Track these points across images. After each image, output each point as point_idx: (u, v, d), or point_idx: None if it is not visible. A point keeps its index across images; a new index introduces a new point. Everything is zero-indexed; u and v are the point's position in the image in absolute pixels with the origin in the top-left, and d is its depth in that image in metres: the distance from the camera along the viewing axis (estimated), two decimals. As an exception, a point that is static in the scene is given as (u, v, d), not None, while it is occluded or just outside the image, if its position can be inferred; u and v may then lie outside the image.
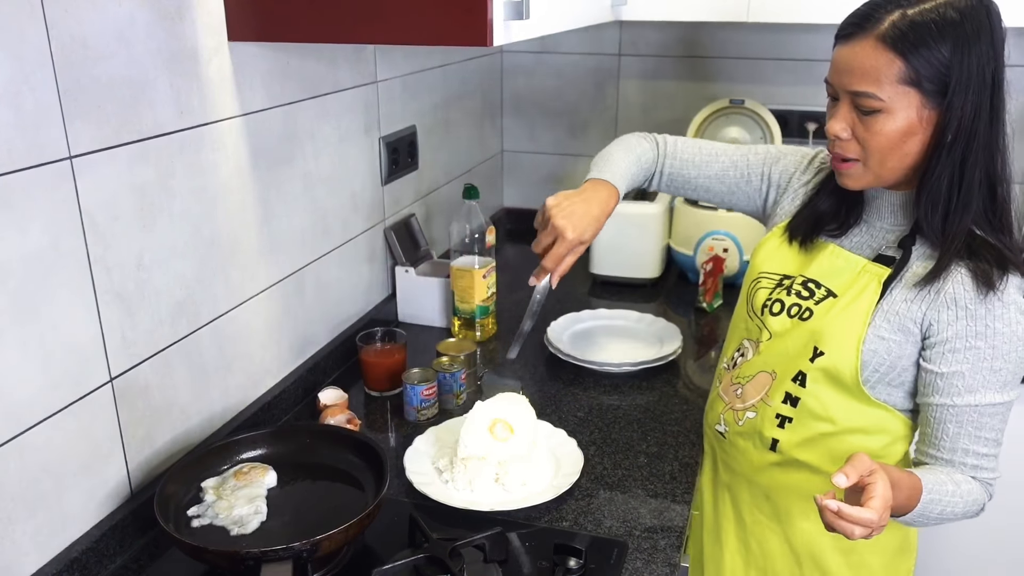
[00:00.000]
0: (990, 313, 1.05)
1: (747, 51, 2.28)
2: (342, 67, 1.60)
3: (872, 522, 0.93)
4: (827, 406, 1.18)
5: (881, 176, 1.10)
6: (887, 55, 1.01)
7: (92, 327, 1.09)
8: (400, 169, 1.88)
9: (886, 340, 1.12)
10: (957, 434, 1.10)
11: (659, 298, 2.11)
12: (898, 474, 1.03)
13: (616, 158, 1.36)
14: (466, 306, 1.78)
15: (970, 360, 1.07)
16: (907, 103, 1.03)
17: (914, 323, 1.10)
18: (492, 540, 1.11)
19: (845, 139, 1.09)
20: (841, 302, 1.15)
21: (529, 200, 2.62)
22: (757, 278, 1.29)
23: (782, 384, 1.20)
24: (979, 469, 1.10)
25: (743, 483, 1.31)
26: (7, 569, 1.00)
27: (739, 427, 1.27)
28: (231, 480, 1.18)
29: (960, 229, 1.07)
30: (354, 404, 1.53)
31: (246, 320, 1.40)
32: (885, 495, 0.94)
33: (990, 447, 1.10)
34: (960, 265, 1.07)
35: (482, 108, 2.39)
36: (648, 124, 2.44)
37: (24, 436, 1.00)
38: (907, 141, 1.06)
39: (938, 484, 1.07)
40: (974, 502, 1.10)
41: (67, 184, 1.02)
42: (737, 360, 1.30)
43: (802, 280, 1.22)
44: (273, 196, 1.43)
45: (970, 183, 1.05)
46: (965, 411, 1.09)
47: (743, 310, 1.31)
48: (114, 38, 1.06)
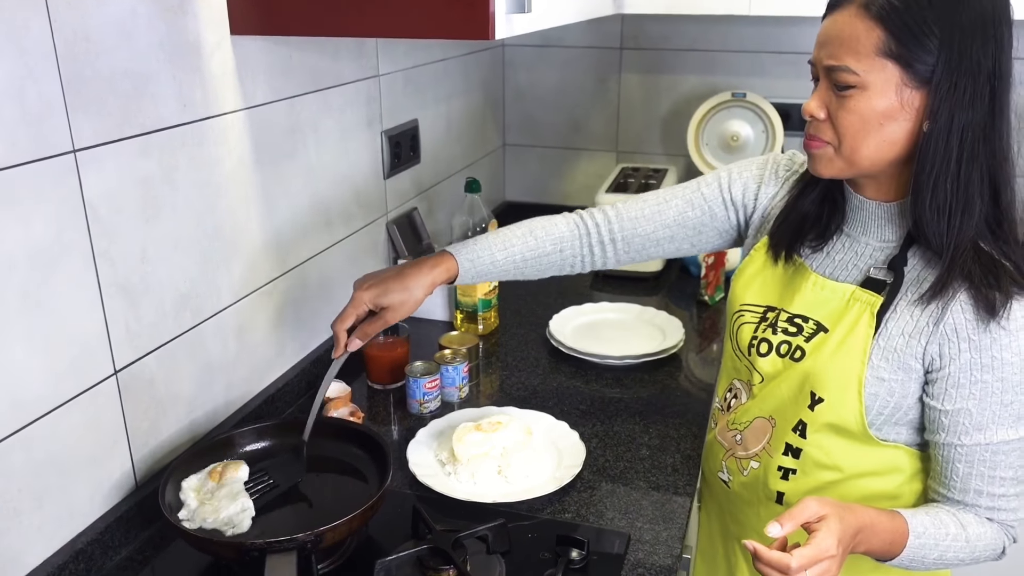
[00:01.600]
0: (996, 343, 0.95)
1: (749, 44, 2.28)
2: (344, 61, 1.60)
3: (787, 568, 0.87)
4: (831, 454, 1.09)
5: (854, 163, 0.99)
6: (867, 23, 0.92)
7: (97, 320, 1.09)
8: (402, 163, 1.88)
9: (886, 381, 1.02)
10: (968, 474, 1.01)
11: (661, 291, 2.11)
12: (876, 518, 0.97)
13: (492, 233, 1.27)
14: (468, 300, 1.78)
15: (976, 395, 0.98)
16: (885, 79, 0.93)
17: (915, 359, 1.00)
18: (495, 531, 1.12)
19: (820, 119, 0.99)
20: (833, 338, 1.05)
21: (531, 194, 2.62)
22: (739, 311, 1.20)
23: (782, 435, 1.12)
24: (996, 511, 1.01)
25: (755, 537, 1.16)
26: (14, 560, 1.01)
27: (744, 477, 1.19)
28: (208, 483, 1.14)
29: (963, 237, 0.96)
30: (357, 397, 1.54)
31: (249, 313, 1.41)
32: (821, 545, 0.89)
33: (1008, 487, 1.01)
34: (960, 290, 0.96)
35: (484, 102, 2.39)
36: (650, 118, 2.44)
37: (30, 428, 1.01)
38: (885, 126, 0.95)
39: (935, 527, 1.00)
40: (987, 546, 1.02)
41: (71, 177, 1.03)
42: (731, 402, 1.22)
43: (787, 316, 1.12)
44: (276, 190, 1.44)
45: (968, 183, 0.94)
46: (975, 451, 0.99)
47: (729, 346, 1.23)
48: (116, 31, 1.06)
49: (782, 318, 1.13)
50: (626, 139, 2.49)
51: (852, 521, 0.94)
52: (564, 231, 1.28)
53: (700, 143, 2.29)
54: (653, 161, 2.47)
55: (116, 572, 1.12)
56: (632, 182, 2.23)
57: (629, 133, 2.48)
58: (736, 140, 2.24)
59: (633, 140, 2.49)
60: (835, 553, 0.90)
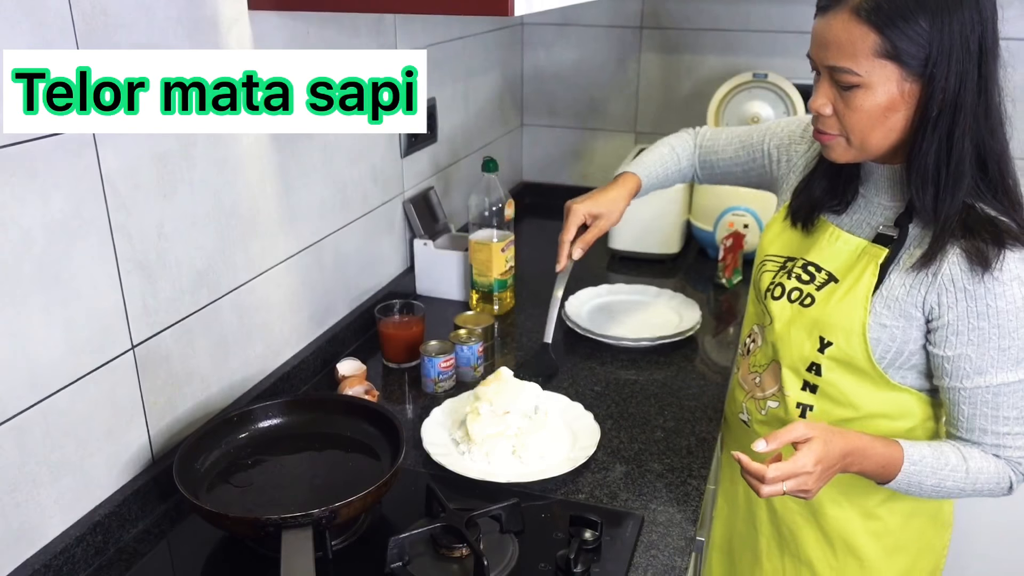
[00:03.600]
0: (989, 292, 1.02)
1: (771, 24, 2.25)
2: (362, 37, 1.59)
3: (762, 477, 0.98)
4: (846, 392, 1.16)
5: (865, 150, 1.07)
6: (861, 28, 0.98)
7: (114, 295, 1.10)
8: (419, 142, 1.88)
9: (888, 327, 1.09)
10: (973, 415, 1.08)
11: (678, 274, 2.10)
12: (869, 443, 1.06)
13: (646, 154, 1.49)
14: (484, 279, 1.78)
15: (975, 342, 1.04)
16: (886, 77, 1.00)
17: (915, 307, 1.07)
18: (508, 511, 1.12)
19: (827, 115, 1.07)
20: (841, 288, 1.13)
21: (548, 174, 2.61)
22: (763, 261, 1.28)
23: (798, 374, 1.19)
24: (1001, 448, 1.08)
25: None
26: (33, 531, 1.02)
27: (762, 416, 1.26)
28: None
29: (953, 206, 1.03)
30: (372, 376, 1.54)
31: (266, 291, 1.41)
32: (799, 461, 0.99)
33: (1013, 425, 1.07)
34: (955, 244, 1.03)
35: (502, 81, 2.37)
36: (669, 98, 2.41)
37: (48, 401, 1.02)
38: (889, 117, 1.02)
39: (935, 457, 1.07)
40: (990, 479, 1.08)
41: (89, 152, 1.03)
42: (750, 347, 1.29)
43: (803, 263, 1.19)
44: (293, 167, 1.43)
45: (959, 157, 1.01)
46: (976, 393, 1.06)
47: (752, 294, 1.31)
48: (135, 6, 1.06)
49: (798, 265, 1.21)
50: (645, 120, 2.47)
51: (840, 444, 1.03)
52: (685, 139, 1.51)
53: (720, 124, 2.27)
54: (672, 142, 2.44)
55: (133, 545, 1.13)
56: (650, 163, 2.21)
57: (648, 114, 2.46)
58: (757, 121, 2.22)
59: (652, 121, 2.46)
60: (811, 471, 1.00)
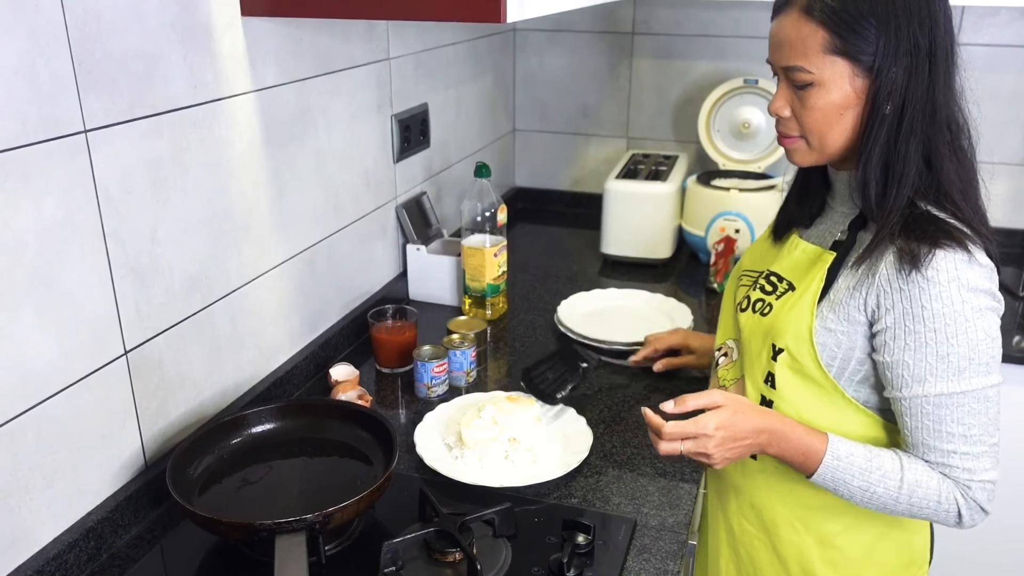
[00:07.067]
0: (924, 293, 0.97)
1: (761, 30, 2.24)
2: (355, 43, 1.60)
3: (659, 431, 1.03)
4: (799, 408, 1.11)
5: (825, 152, 1.07)
6: (810, 26, 1.00)
7: (107, 300, 1.10)
8: (412, 147, 1.88)
9: (833, 332, 1.05)
10: (916, 428, 1.02)
11: (670, 278, 2.10)
12: (792, 427, 1.06)
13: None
14: (477, 284, 1.78)
15: (912, 347, 0.99)
16: (838, 74, 1.00)
17: (858, 310, 1.03)
18: (501, 515, 1.12)
19: (786, 116, 1.07)
20: (795, 295, 1.11)
21: (540, 179, 2.62)
22: (740, 276, 1.27)
23: (756, 388, 1.16)
24: (948, 468, 1.01)
25: (731, 491, 1.25)
26: (25, 537, 1.02)
27: None
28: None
29: (896, 203, 1.01)
30: (365, 381, 1.54)
31: (258, 296, 1.41)
32: (699, 423, 1.03)
33: (958, 443, 1.00)
34: (893, 243, 1.00)
35: (494, 86, 2.38)
36: (661, 104, 2.43)
37: (41, 406, 1.02)
38: (844, 115, 1.02)
39: (866, 459, 1.03)
40: (928, 497, 1.02)
41: (82, 157, 1.03)
42: (719, 360, 1.26)
43: (767, 274, 1.18)
44: (285, 172, 1.44)
45: (905, 155, 1.00)
46: (916, 403, 1.01)
47: (726, 308, 1.29)
48: (128, 11, 1.06)
49: (763, 276, 1.20)
50: (637, 125, 2.48)
51: (754, 419, 1.06)
52: None
53: (711, 130, 2.28)
54: (664, 148, 2.46)
55: (126, 550, 1.13)
56: (642, 169, 2.22)
57: (640, 119, 2.47)
58: (748, 127, 2.23)
59: (644, 126, 2.47)
60: (710, 434, 1.03)
